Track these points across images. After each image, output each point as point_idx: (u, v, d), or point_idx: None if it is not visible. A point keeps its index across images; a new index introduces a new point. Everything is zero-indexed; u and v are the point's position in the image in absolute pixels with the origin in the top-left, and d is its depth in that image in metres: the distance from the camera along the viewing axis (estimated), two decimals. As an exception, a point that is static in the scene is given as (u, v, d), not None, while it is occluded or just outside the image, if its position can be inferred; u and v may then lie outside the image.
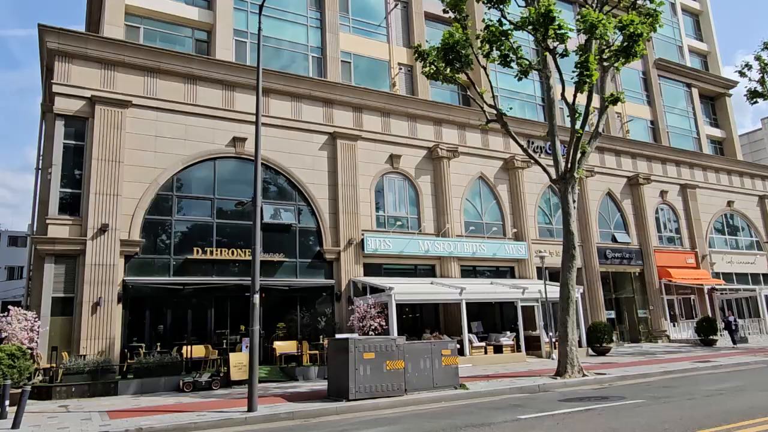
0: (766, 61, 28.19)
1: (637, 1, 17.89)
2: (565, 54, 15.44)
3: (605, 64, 17.48)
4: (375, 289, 20.78)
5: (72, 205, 17.96)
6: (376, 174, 23.83)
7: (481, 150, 26.87)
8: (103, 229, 17.59)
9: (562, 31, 14.50)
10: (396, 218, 24.07)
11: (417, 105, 25.40)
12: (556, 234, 28.31)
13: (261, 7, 13.97)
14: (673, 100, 38.44)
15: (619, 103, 34.84)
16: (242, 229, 20.43)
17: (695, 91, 39.82)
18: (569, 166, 16.79)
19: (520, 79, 17.69)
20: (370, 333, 19.30)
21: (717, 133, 41.04)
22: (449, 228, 24.54)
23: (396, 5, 27.42)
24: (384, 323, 19.56)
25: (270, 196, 21.49)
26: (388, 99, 24.68)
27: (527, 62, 17.17)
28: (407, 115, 25.11)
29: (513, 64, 17.20)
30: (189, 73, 20.38)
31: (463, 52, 15.54)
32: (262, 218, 20.79)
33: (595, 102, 21.67)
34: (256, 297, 11.86)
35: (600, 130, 17.87)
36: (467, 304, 21.52)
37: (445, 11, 16.47)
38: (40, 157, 20.43)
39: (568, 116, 18.35)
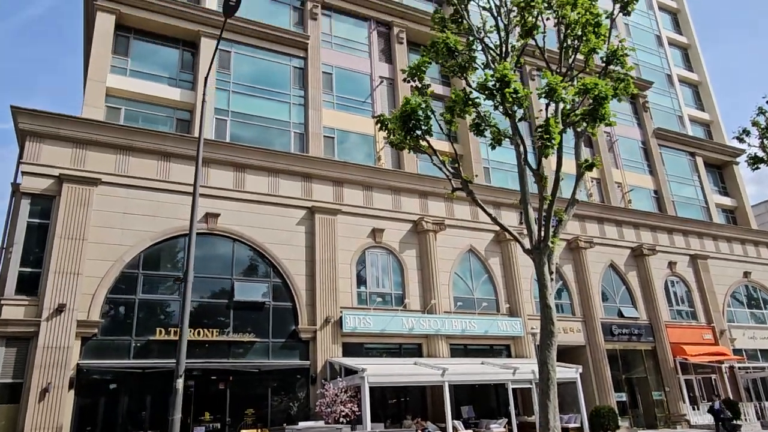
0: (762, 126, 27.37)
1: (609, 66, 17.49)
2: (523, 118, 14.92)
3: (578, 129, 16.87)
4: (350, 371, 19.42)
5: (30, 285, 17.44)
6: (358, 248, 23.07)
7: (469, 222, 26.06)
8: (59, 310, 16.94)
9: (519, 95, 14.06)
10: (379, 294, 23.00)
11: (401, 178, 25.00)
12: (556, 309, 26.74)
13: (206, 78, 13.85)
14: (676, 169, 37.51)
15: (620, 173, 34.59)
16: (210, 308, 19.61)
17: (700, 160, 38.91)
18: (543, 235, 15.79)
19: (493, 147, 17.05)
20: (341, 420, 17.79)
21: (727, 201, 39.63)
22: (436, 304, 23.30)
23: (381, 82, 27.75)
24: (357, 409, 18.04)
25: (242, 272, 20.78)
26: (370, 172, 24.36)
27: (497, 130, 16.67)
28: (391, 188, 24.67)
29: (486, 133, 16.74)
30: (163, 151, 20.41)
31: (422, 118, 15.16)
32: (233, 296, 20.07)
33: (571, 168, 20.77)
34: (180, 382, 10.84)
35: (577, 197, 16.95)
36: (456, 386, 19.93)
37: (405, 80, 16.31)
38: (5, 237, 20.27)
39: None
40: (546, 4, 15.85)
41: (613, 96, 15.98)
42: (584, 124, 15.80)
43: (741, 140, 28.89)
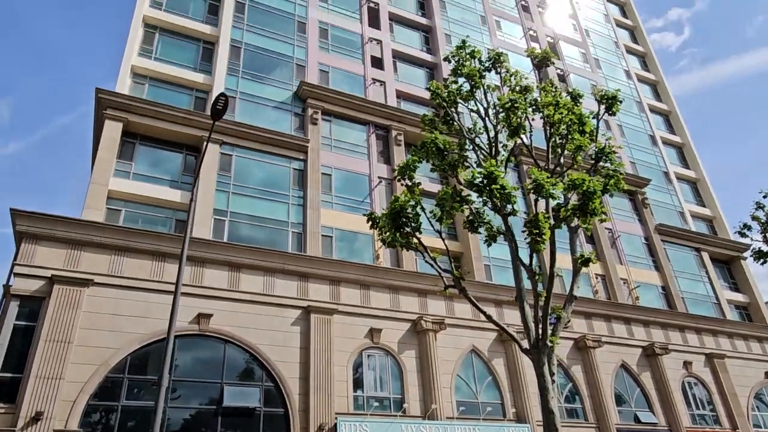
0: (762, 220, 27.23)
1: (599, 163, 17.73)
2: (513, 213, 14.90)
3: (571, 224, 16.77)
4: (343, 486, 17.97)
5: (10, 391, 16.75)
6: (355, 350, 22.28)
7: (471, 321, 25.31)
8: (36, 418, 16.12)
9: (506, 191, 14.13)
10: (376, 398, 21.86)
11: (399, 276, 24.69)
12: (567, 414, 25.26)
13: (196, 179, 14.09)
14: (683, 265, 36.92)
15: (624, 269, 34.06)
16: (198, 415, 18.61)
17: (706, 255, 38.40)
18: (541, 333, 15.17)
19: (489, 244, 16.92)
20: None
21: (739, 297, 38.56)
22: (437, 409, 22.04)
23: (380, 182, 28.29)
24: None
25: (234, 376, 19.96)
26: (367, 271, 24.11)
27: (490, 226, 16.61)
28: (389, 287, 24.29)
29: (481, 229, 16.67)
30: (158, 251, 20.43)
31: (412, 216, 15.18)
32: (222, 401, 19.17)
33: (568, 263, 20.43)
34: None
35: (576, 293, 16.48)
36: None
37: (396, 179, 16.55)
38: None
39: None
40: (530, 106, 16.38)
41: (603, 191, 16.06)
42: (576, 220, 15.71)
43: (743, 235, 28.65)
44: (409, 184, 16.13)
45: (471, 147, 18.26)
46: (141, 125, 23.76)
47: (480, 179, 14.37)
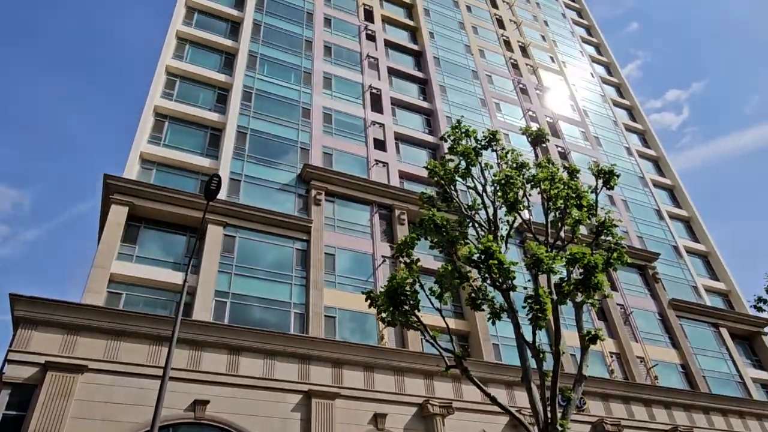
0: (777, 294, 26.43)
1: (600, 237, 17.55)
2: (512, 289, 14.58)
3: (576, 300, 16.34)
4: None
5: (-7, 487, 15.95)
6: (358, 437, 21.19)
7: (481, 405, 24.11)
8: None
9: (504, 266, 13.91)
10: (382, 492, 20.50)
11: (404, 357, 23.90)
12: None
13: (189, 261, 14.04)
14: (701, 342, 35.55)
15: (640, 347, 32.81)
16: None
17: (724, 331, 37.05)
18: (550, 417, 14.38)
19: (493, 321, 16.45)
20: None
21: (764, 375, 36.74)
22: (447, 503, 20.57)
23: (383, 261, 28.13)
24: None
25: (229, 468, 18.91)
26: (371, 352, 23.40)
27: (492, 303, 16.22)
28: (393, 368, 23.47)
29: (484, 306, 16.28)
30: (156, 335, 20.06)
31: (410, 293, 14.90)
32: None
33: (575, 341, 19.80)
34: None
35: (584, 372, 15.77)
36: None
37: (395, 256, 16.43)
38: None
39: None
40: (528, 182, 16.50)
41: (606, 265, 15.81)
42: (579, 294, 15.33)
43: (759, 309, 27.76)
44: (408, 261, 15.98)
45: (470, 224, 18.25)
46: (146, 209, 24.14)
47: (477, 255, 14.19)
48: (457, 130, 18.37)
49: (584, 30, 61.98)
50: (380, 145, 33.70)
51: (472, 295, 16.27)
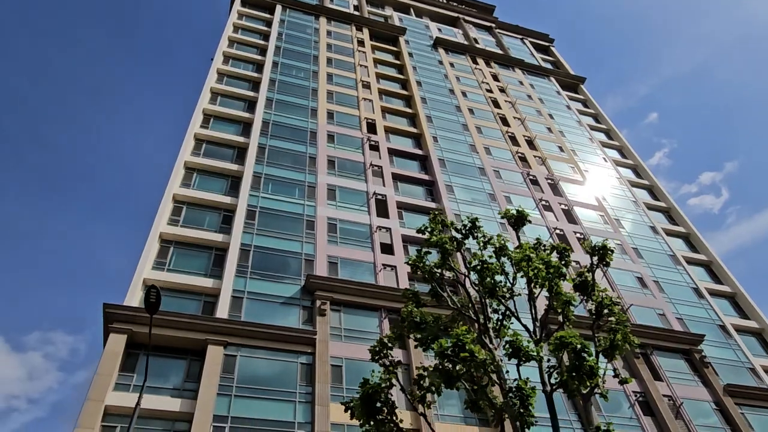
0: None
1: (600, 319, 16.14)
2: (490, 384, 13.21)
3: (581, 392, 14.68)
4: None
5: None
6: None
7: None
8: None
9: (478, 358, 12.69)
10: None
11: (419, 475, 21.71)
12: None
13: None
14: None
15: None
16: None
17: (797, 417, 32.75)
18: None
19: (497, 425, 14.94)
20: None
21: None
22: None
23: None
24: None
25: None
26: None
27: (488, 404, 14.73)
28: (407, 489, 21.23)
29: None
30: (144, 469, 18.91)
31: (387, 397, 13.67)
32: None
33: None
34: None
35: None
36: None
37: (373, 359, 15.38)
38: None
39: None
40: (502, 265, 15.65)
41: (612, 348, 14.45)
42: (575, 384, 13.79)
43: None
44: (387, 362, 14.92)
45: (461, 319, 17.20)
46: (146, 335, 23.89)
47: (451, 348, 13.11)
48: (434, 223, 17.94)
49: (592, 119, 62.72)
50: (387, 248, 33.37)
51: (471, 398, 14.88)
